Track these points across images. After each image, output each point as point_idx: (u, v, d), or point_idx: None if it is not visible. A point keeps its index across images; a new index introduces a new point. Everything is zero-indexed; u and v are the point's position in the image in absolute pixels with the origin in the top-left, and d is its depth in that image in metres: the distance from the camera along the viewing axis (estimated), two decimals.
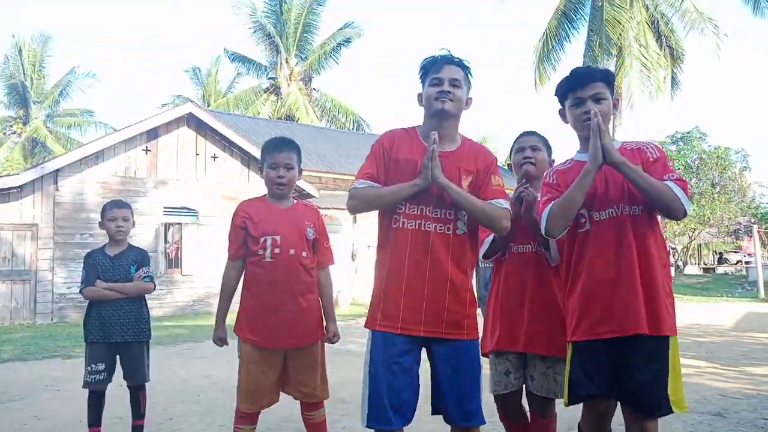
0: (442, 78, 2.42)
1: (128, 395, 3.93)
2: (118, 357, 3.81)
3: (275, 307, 2.98)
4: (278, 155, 3.10)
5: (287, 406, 4.87)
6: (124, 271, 3.81)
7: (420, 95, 2.52)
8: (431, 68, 2.47)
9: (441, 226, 2.38)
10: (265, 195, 3.22)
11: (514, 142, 3.11)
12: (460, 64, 2.49)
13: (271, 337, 3.00)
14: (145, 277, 3.81)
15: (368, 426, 2.39)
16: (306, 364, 3.10)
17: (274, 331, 2.99)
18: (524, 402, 2.96)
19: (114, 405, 5.00)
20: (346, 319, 12.56)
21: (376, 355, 2.39)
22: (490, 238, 2.80)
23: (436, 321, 2.38)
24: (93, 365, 3.68)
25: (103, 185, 13.15)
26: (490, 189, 2.47)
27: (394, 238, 2.42)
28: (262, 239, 3.03)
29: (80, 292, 3.85)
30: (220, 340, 3.16)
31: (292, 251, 3.01)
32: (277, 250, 2.99)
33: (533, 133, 3.12)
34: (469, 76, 2.52)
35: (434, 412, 2.51)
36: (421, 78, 2.52)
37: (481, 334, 2.77)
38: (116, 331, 3.72)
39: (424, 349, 2.48)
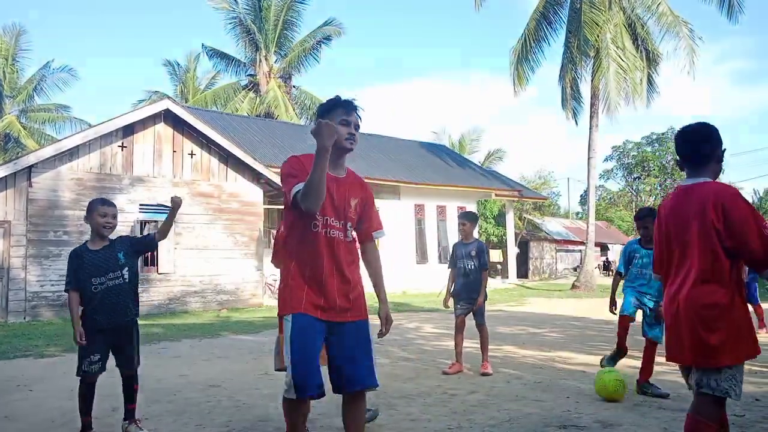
0: (351, 122, 2.95)
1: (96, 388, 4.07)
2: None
3: None
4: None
5: (263, 405, 4.86)
6: (113, 260, 4.01)
7: (321, 124, 2.80)
8: (342, 108, 2.96)
9: (340, 234, 2.93)
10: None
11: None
12: (358, 112, 3.02)
13: None
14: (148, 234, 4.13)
15: (300, 396, 2.80)
16: None
17: None
18: None
19: (74, 400, 4.93)
20: None
21: (299, 337, 2.79)
22: None
23: (344, 308, 2.90)
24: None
25: (78, 182, 12.95)
26: (377, 220, 3.16)
27: (313, 240, 2.87)
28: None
29: (66, 291, 4.01)
30: None
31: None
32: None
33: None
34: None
35: (337, 389, 2.92)
36: (326, 110, 2.96)
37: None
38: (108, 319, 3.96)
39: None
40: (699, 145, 2.90)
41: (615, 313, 5.56)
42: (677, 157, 3.01)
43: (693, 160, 2.90)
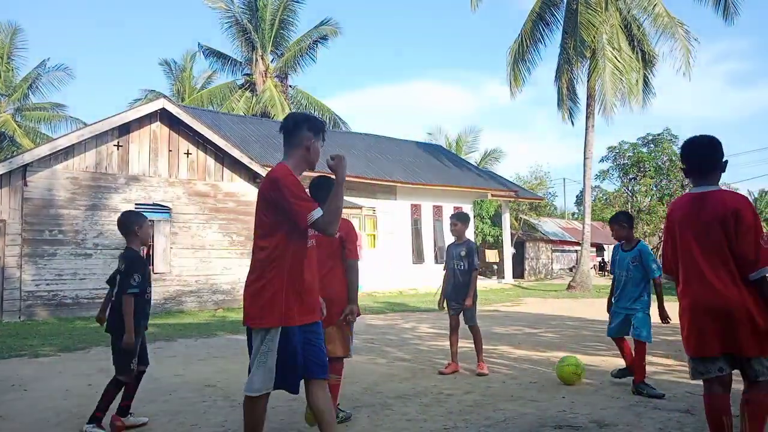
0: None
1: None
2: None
3: None
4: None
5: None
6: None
7: (312, 143, 3.20)
8: (324, 132, 3.27)
9: (314, 242, 3.22)
10: None
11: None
12: None
13: None
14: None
15: (277, 387, 3.13)
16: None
17: None
18: None
19: (69, 399, 4.92)
20: None
21: (294, 340, 3.06)
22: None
23: (316, 309, 3.27)
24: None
25: (73, 181, 12.91)
26: None
27: (304, 255, 3.13)
28: None
29: (133, 294, 4.25)
30: None
31: None
32: None
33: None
34: None
35: (306, 376, 3.16)
36: (320, 130, 3.25)
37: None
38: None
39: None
40: (706, 157, 3.20)
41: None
42: (683, 166, 3.31)
43: (701, 169, 3.20)
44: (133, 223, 4.52)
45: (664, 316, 5.13)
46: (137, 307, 4.24)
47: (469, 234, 24.01)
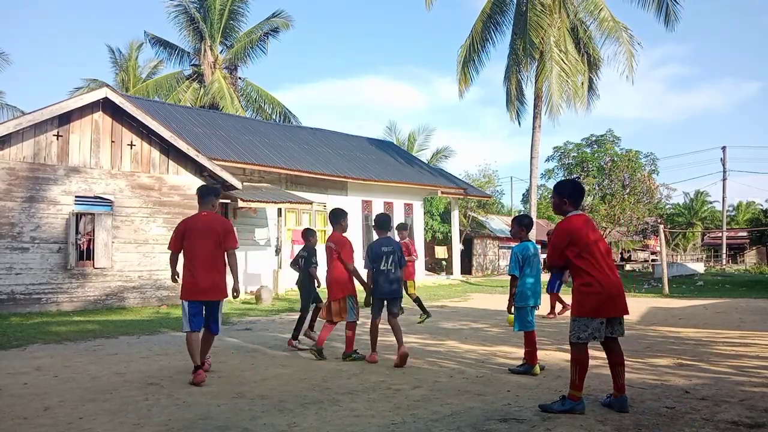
0: None
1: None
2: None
3: None
4: None
5: (204, 403, 4.76)
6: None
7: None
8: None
9: None
10: None
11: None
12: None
13: None
14: None
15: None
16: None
17: None
18: None
19: (2, 399, 4.72)
20: (269, 314, 12.36)
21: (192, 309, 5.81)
22: None
23: None
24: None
25: (10, 171, 12.34)
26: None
27: None
28: None
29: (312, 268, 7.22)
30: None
31: None
32: None
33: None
34: None
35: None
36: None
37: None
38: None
39: None
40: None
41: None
42: (565, 198, 4.61)
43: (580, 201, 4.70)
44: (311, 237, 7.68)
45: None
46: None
47: (419, 230, 24.28)
